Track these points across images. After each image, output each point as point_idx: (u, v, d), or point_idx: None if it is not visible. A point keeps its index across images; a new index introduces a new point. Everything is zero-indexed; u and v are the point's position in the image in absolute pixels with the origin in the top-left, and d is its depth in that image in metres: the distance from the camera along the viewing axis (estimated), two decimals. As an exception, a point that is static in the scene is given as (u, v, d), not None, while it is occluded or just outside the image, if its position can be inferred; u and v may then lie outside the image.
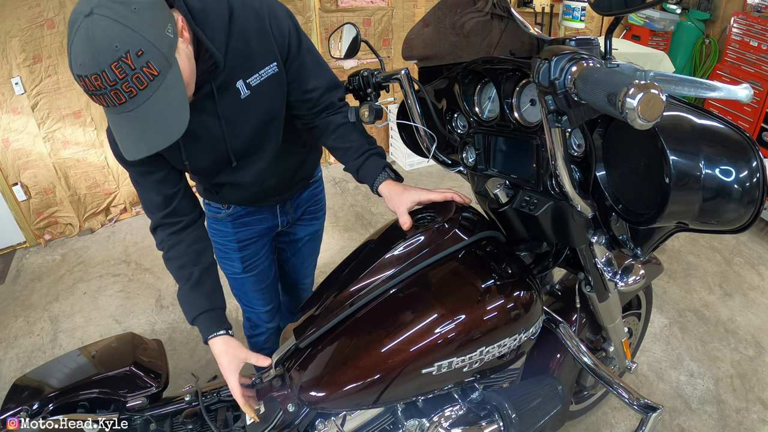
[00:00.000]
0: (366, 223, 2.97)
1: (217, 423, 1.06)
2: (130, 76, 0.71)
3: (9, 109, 2.55)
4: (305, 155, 1.28)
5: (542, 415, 1.07)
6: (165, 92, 0.76)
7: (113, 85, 0.71)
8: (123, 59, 0.69)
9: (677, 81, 0.71)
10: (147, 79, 0.72)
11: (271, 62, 0.99)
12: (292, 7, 3.05)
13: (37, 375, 1.14)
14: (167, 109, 0.77)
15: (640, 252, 0.86)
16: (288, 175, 1.25)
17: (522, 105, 0.89)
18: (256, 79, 0.99)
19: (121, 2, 0.70)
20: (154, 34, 0.72)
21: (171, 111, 0.78)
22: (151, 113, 0.76)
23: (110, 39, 0.68)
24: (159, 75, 0.74)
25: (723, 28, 3.74)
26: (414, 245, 0.97)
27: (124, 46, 0.69)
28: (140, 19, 0.71)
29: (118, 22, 0.69)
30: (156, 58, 0.73)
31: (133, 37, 0.70)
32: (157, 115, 0.76)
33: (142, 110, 0.75)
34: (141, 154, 0.78)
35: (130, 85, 0.72)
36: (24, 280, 2.60)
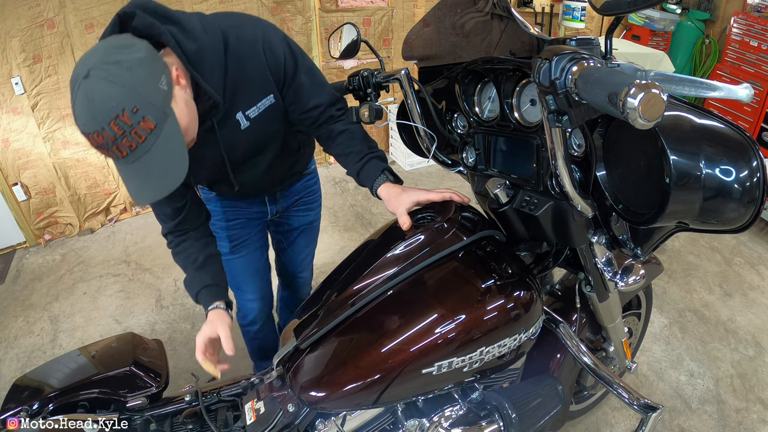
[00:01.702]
0: (366, 223, 2.97)
1: (217, 423, 1.06)
2: (128, 131, 0.75)
3: (9, 109, 2.55)
4: (298, 156, 1.33)
5: (542, 415, 1.07)
6: (164, 143, 0.80)
7: (114, 141, 0.75)
8: (120, 117, 0.74)
9: (678, 81, 0.71)
10: (144, 133, 0.77)
11: (268, 94, 1.04)
12: (292, 7, 3.05)
13: (37, 375, 1.14)
14: (167, 157, 0.82)
15: (641, 252, 0.86)
16: (280, 175, 1.32)
17: (522, 105, 0.89)
18: (254, 111, 1.04)
19: (114, 62, 0.74)
20: (148, 89, 0.77)
21: (171, 159, 0.82)
22: (152, 163, 0.80)
23: (107, 99, 0.73)
24: (156, 128, 0.78)
25: (723, 28, 3.74)
26: (414, 245, 0.97)
27: (119, 105, 0.73)
28: (134, 77, 0.75)
29: (113, 83, 0.73)
30: (151, 113, 0.77)
31: (128, 95, 0.74)
32: (158, 164, 0.81)
33: (144, 161, 0.79)
34: (147, 201, 0.85)
35: (130, 140, 0.76)
36: (24, 280, 2.60)
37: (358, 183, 1.14)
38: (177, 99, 0.84)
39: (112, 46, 0.77)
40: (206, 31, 0.92)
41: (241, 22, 0.99)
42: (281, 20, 3.06)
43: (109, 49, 0.76)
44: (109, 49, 0.76)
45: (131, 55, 0.76)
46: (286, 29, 3.10)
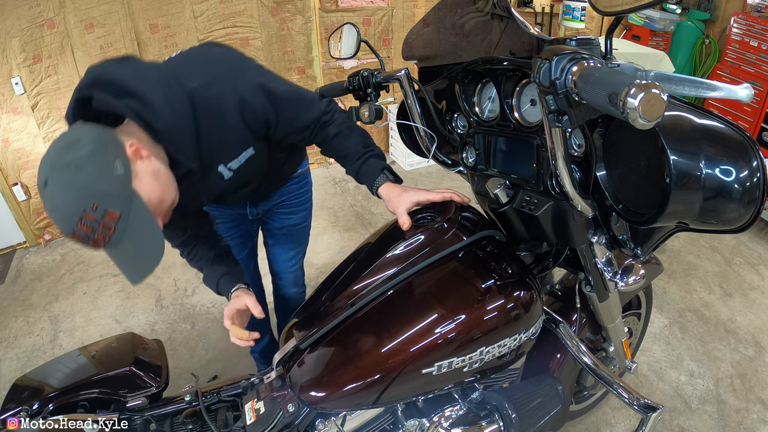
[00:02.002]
0: (366, 223, 2.97)
1: (217, 423, 1.06)
2: (96, 226, 0.77)
3: (9, 109, 2.55)
4: (282, 172, 1.34)
5: (542, 415, 1.07)
6: (135, 225, 0.81)
7: (88, 237, 0.78)
8: (84, 217, 0.76)
9: (678, 81, 0.71)
10: (112, 224, 0.78)
11: (248, 147, 1.03)
12: (292, 7, 3.05)
13: (37, 375, 1.14)
14: (142, 237, 0.83)
15: (641, 252, 0.86)
16: (263, 191, 1.36)
17: (522, 105, 0.89)
18: (236, 163, 1.03)
19: (65, 166, 0.76)
20: (103, 182, 0.77)
21: (146, 238, 0.84)
22: (131, 246, 0.82)
23: (66, 204, 0.76)
24: (122, 215, 0.79)
25: (723, 28, 3.74)
26: (414, 245, 0.97)
27: (80, 207, 0.75)
28: (85, 176, 0.76)
29: (68, 188, 0.75)
30: (112, 203, 0.77)
31: (84, 196, 0.76)
32: (137, 245, 0.83)
33: (122, 247, 0.81)
34: (138, 281, 0.87)
35: (101, 233, 0.78)
36: (24, 280, 2.60)
37: (358, 182, 1.14)
38: (140, 175, 0.82)
39: (61, 147, 0.78)
40: (170, 102, 0.86)
41: (208, 79, 0.92)
42: (281, 20, 3.06)
43: (59, 152, 0.78)
44: (59, 152, 0.77)
45: (79, 152, 0.76)
46: (286, 29, 3.10)
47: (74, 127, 0.83)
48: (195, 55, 0.97)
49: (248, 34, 3.00)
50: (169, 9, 2.74)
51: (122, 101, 0.83)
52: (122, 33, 2.66)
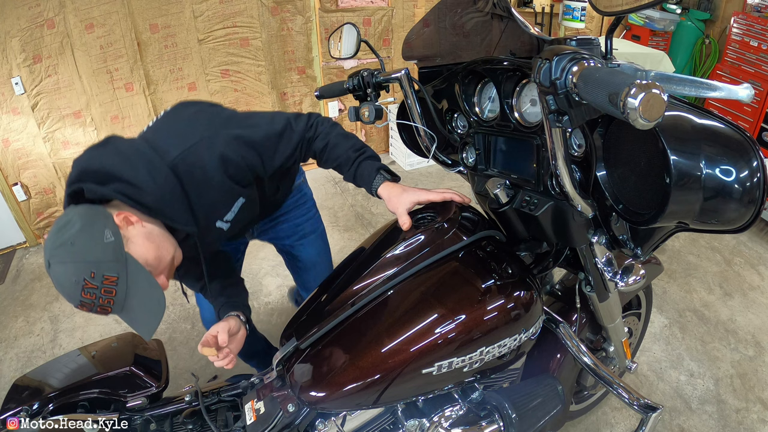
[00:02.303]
0: (366, 223, 2.97)
1: (217, 423, 1.06)
2: (98, 292, 0.83)
3: (9, 109, 2.55)
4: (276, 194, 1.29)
5: (542, 415, 1.07)
6: (134, 285, 0.86)
7: (95, 305, 0.84)
8: (85, 286, 0.82)
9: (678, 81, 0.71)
10: (112, 287, 0.84)
11: (237, 198, 1.05)
12: (292, 6, 3.05)
13: (37, 375, 1.14)
14: (144, 295, 0.88)
15: (641, 252, 0.86)
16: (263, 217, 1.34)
17: (522, 105, 0.89)
18: (231, 215, 1.07)
19: (60, 245, 0.82)
20: (95, 252, 0.83)
21: (148, 295, 0.89)
22: (136, 305, 0.87)
23: (67, 277, 0.82)
24: (119, 277, 0.84)
25: (723, 28, 3.74)
26: (414, 245, 0.97)
27: (79, 278, 0.81)
28: (78, 249, 0.82)
29: (66, 263, 0.82)
30: (107, 268, 0.83)
31: (80, 266, 0.82)
32: (140, 304, 0.88)
33: (128, 307, 0.87)
34: (150, 335, 0.91)
35: (104, 299, 0.84)
36: (24, 280, 2.60)
37: (357, 186, 1.13)
38: (132, 239, 0.88)
39: (55, 231, 0.85)
40: (155, 178, 0.90)
41: (186, 146, 0.94)
42: (281, 20, 3.06)
43: (54, 235, 0.84)
44: (54, 236, 0.84)
45: (71, 231, 0.83)
46: (286, 29, 3.10)
47: (66, 212, 0.88)
48: (169, 123, 1.01)
49: (248, 34, 3.01)
50: (169, 9, 2.74)
51: (109, 187, 0.89)
52: (122, 33, 2.66)
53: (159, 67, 2.85)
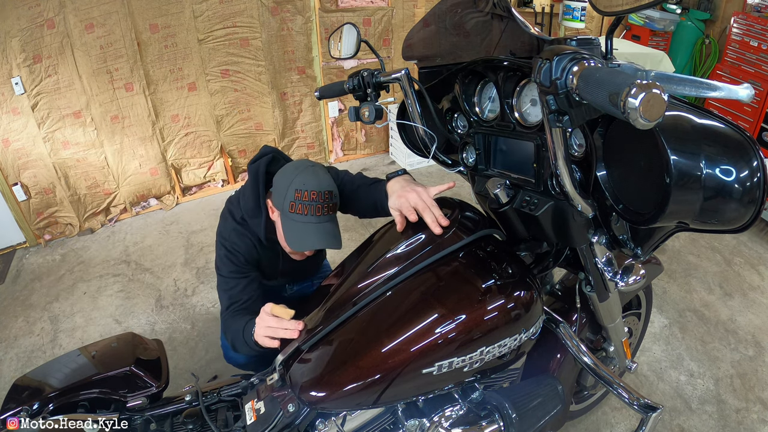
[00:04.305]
0: (366, 223, 2.97)
1: (217, 423, 1.06)
2: (330, 202, 1.15)
3: (9, 109, 2.55)
4: (318, 254, 1.57)
5: (542, 415, 1.07)
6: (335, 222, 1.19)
7: (326, 202, 1.14)
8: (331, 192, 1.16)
9: (678, 81, 0.71)
10: (333, 210, 1.18)
11: None
12: (292, 6, 3.05)
13: (37, 375, 1.14)
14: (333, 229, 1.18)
15: (641, 252, 0.86)
16: (305, 271, 1.60)
17: (522, 105, 0.89)
18: None
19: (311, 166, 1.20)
20: (337, 191, 1.20)
21: (337, 234, 1.19)
22: (330, 230, 1.17)
23: (328, 181, 1.17)
24: (335, 213, 1.20)
25: (723, 28, 3.74)
26: (414, 245, 0.97)
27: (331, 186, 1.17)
28: (333, 182, 1.20)
29: (327, 174, 1.20)
30: (337, 202, 1.19)
31: (333, 184, 1.19)
32: (331, 232, 1.17)
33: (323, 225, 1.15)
34: (310, 248, 1.17)
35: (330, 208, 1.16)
36: (24, 280, 2.60)
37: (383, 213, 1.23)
38: None
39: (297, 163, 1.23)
40: None
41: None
42: (281, 20, 3.06)
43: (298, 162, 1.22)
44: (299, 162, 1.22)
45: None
46: (286, 29, 3.10)
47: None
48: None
49: (248, 34, 3.00)
50: (169, 9, 2.74)
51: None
52: (122, 33, 2.66)
53: (159, 67, 2.85)
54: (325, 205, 1.14)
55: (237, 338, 1.16)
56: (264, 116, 3.31)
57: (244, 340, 1.13)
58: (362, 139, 3.75)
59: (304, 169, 1.16)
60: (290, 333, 1.00)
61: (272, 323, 1.02)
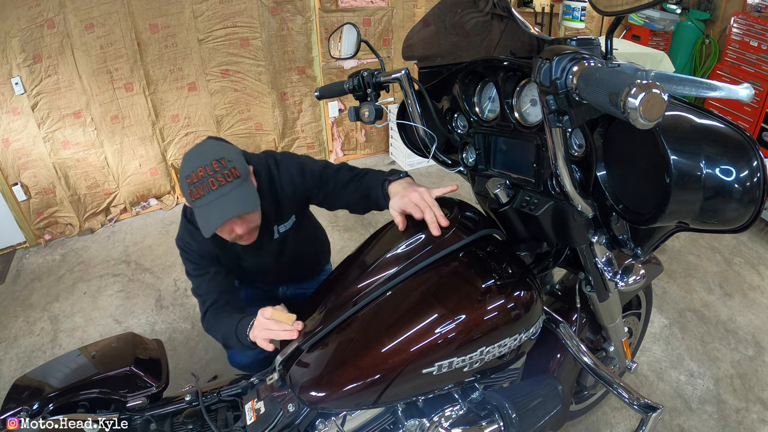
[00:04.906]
0: (366, 223, 2.97)
1: (217, 423, 1.06)
2: (222, 171, 1.05)
3: (9, 109, 2.55)
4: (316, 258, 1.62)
5: (542, 415, 1.07)
6: (246, 190, 1.09)
7: (214, 173, 1.05)
8: (219, 160, 1.06)
9: (678, 81, 0.71)
10: (234, 176, 1.06)
11: (292, 216, 1.34)
12: (292, 6, 3.05)
13: (37, 375, 1.14)
14: (246, 199, 1.09)
15: (641, 252, 0.86)
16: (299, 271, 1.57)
17: (522, 105, 0.89)
18: (284, 227, 1.34)
19: (211, 140, 1.18)
20: (238, 156, 1.12)
21: (247, 200, 1.10)
22: (235, 199, 1.06)
23: (207, 151, 1.10)
24: (241, 176, 1.08)
25: (723, 28, 3.74)
26: (414, 245, 0.97)
27: (218, 155, 1.08)
28: (225, 146, 1.15)
29: (211, 145, 1.14)
30: (239, 166, 1.09)
31: (227, 151, 1.11)
32: (239, 201, 1.07)
33: (230, 196, 1.05)
34: (216, 225, 1.07)
35: (223, 177, 1.05)
36: (24, 280, 2.60)
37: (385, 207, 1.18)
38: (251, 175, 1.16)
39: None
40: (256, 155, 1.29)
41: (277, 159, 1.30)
42: (281, 20, 3.06)
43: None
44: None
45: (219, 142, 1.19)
46: (286, 29, 3.10)
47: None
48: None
49: (248, 34, 3.00)
50: (169, 9, 2.74)
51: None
52: (122, 33, 2.66)
53: (159, 67, 2.85)
54: (218, 175, 1.04)
55: (229, 338, 1.14)
56: (264, 116, 3.31)
57: (238, 340, 1.11)
58: (362, 139, 3.75)
59: (189, 153, 1.10)
60: (290, 334, 0.98)
61: (271, 326, 1.01)
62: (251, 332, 1.06)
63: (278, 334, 1.00)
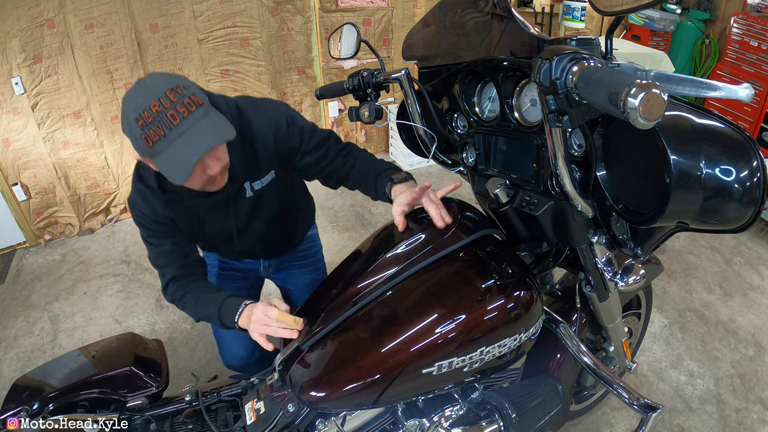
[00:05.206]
0: (366, 223, 2.97)
1: (217, 423, 1.06)
2: (182, 100, 0.87)
3: (9, 109, 2.55)
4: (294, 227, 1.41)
5: (542, 415, 1.07)
6: (210, 120, 0.91)
7: (172, 105, 0.86)
8: (174, 89, 0.87)
9: (678, 81, 0.71)
10: (195, 105, 0.89)
11: (270, 171, 1.16)
12: (292, 7, 3.05)
13: (37, 375, 1.14)
14: (212, 130, 0.91)
15: (641, 252, 0.86)
16: (277, 243, 1.39)
17: (522, 105, 0.89)
18: (259, 184, 1.15)
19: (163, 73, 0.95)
20: (191, 83, 0.92)
21: (215, 131, 0.91)
22: (202, 132, 0.89)
23: (160, 81, 0.89)
24: (203, 104, 0.90)
25: (723, 28, 3.74)
26: (414, 245, 0.97)
27: (172, 83, 0.88)
28: (178, 77, 0.92)
29: (163, 75, 0.91)
30: (197, 93, 0.90)
31: (176, 79, 0.90)
32: (206, 133, 0.90)
33: (195, 129, 0.88)
34: (194, 161, 0.89)
35: (183, 108, 0.87)
36: (24, 280, 2.60)
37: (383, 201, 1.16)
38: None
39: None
40: (225, 99, 1.06)
41: (254, 99, 1.14)
42: (281, 20, 3.06)
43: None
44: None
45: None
46: (286, 29, 3.10)
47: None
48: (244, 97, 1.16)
49: (248, 34, 3.00)
50: (169, 9, 2.74)
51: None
52: (122, 33, 2.66)
53: (159, 67, 2.85)
54: (178, 106, 0.86)
55: (209, 317, 1.09)
56: (264, 116, 3.31)
57: (221, 322, 1.06)
58: (362, 139, 3.75)
59: (132, 92, 0.90)
60: (290, 333, 0.97)
61: (271, 322, 0.98)
62: (247, 322, 1.01)
63: (277, 331, 0.98)
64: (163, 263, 1.14)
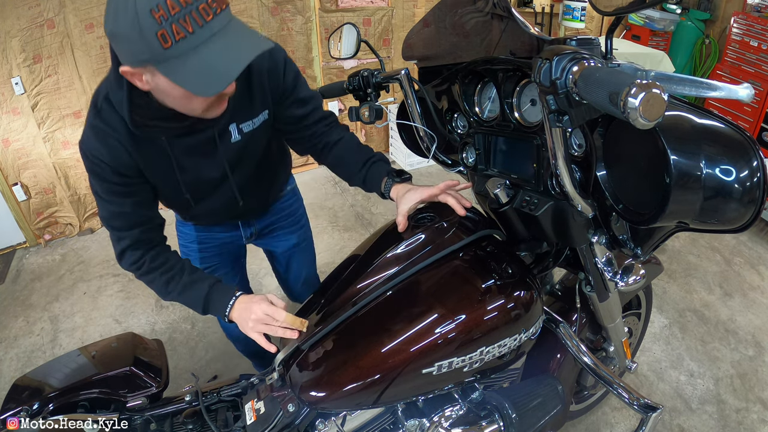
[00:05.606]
0: (366, 223, 2.97)
1: (217, 423, 1.06)
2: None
3: (9, 109, 2.55)
4: (273, 179, 1.28)
5: (542, 415, 1.07)
6: (238, 26, 0.80)
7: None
8: None
9: (678, 81, 0.71)
10: (224, 4, 0.75)
11: (263, 111, 1.03)
12: (292, 7, 3.05)
13: (37, 375, 1.14)
14: (243, 38, 0.80)
15: (641, 252, 0.86)
16: (255, 195, 1.23)
17: (522, 105, 0.89)
18: (249, 126, 1.02)
19: None
20: None
21: (252, 32, 0.80)
22: (241, 31, 0.78)
23: None
24: (228, 7, 0.77)
25: (723, 28, 3.74)
26: (414, 245, 0.97)
27: None
28: None
29: None
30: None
31: None
32: (246, 31, 0.79)
33: (225, 30, 0.77)
34: (242, 66, 0.77)
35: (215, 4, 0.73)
36: (24, 280, 2.60)
37: (366, 190, 1.13)
38: None
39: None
40: None
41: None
42: (281, 20, 3.06)
43: None
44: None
45: None
46: (286, 29, 3.10)
47: None
48: None
49: (248, 34, 3.00)
50: (169, 9, 2.74)
51: None
52: (122, 33, 2.66)
53: (159, 67, 2.85)
54: (209, 0, 0.72)
55: (193, 304, 1.01)
56: (264, 116, 3.31)
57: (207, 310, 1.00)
58: (362, 139, 3.76)
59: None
60: (290, 332, 0.96)
61: (272, 321, 0.95)
62: (240, 317, 0.97)
63: (276, 331, 0.96)
64: (120, 225, 0.96)
